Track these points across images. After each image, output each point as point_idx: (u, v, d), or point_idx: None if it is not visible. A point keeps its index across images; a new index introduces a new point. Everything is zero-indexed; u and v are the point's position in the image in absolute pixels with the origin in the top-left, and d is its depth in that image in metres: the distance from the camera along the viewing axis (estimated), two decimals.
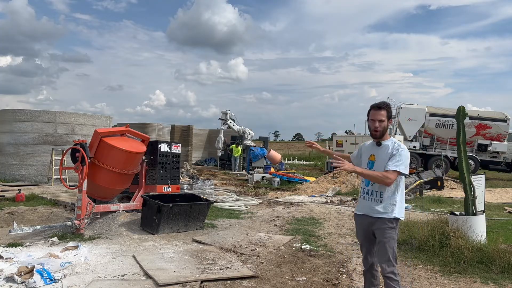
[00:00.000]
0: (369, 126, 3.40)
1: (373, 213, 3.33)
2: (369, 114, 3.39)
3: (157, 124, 22.97)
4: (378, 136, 3.35)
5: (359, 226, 3.52)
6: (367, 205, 3.37)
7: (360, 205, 3.49)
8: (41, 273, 4.22)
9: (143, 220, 6.90)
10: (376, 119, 3.32)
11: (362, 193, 3.43)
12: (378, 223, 3.31)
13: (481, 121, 19.92)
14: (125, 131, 7.16)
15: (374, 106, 3.37)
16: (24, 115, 14.15)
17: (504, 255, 4.78)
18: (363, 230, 3.45)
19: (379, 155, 3.36)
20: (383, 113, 3.31)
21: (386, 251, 3.26)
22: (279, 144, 76.78)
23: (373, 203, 3.33)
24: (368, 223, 3.38)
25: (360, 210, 3.47)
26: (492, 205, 10.40)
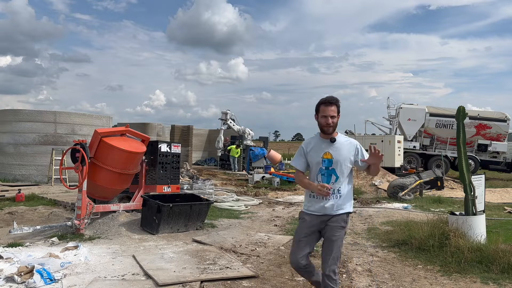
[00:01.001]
0: (319, 122, 3.30)
1: (331, 211, 3.28)
2: (318, 109, 3.29)
3: (157, 124, 22.95)
4: (330, 132, 3.29)
5: (308, 224, 3.34)
6: (326, 205, 3.28)
7: (314, 205, 3.32)
8: (41, 273, 4.22)
9: (143, 220, 6.90)
10: (328, 114, 3.24)
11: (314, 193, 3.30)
12: (331, 221, 3.28)
13: (481, 121, 19.92)
14: (125, 131, 7.16)
15: (325, 101, 3.27)
16: (24, 115, 14.15)
17: (504, 255, 4.78)
18: (311, 228, 3.33)
19: (337, 152, 3.28)
20: (333, 108, 3.26)
21: (333, 249, 3.26)
22: (279, 144, 76.78)
23: (332, 201, 3.28)
24: (321, 222, 3.31)
25: (314, 211, 3.32)
26: (492, 205, 10.40)
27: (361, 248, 6.01)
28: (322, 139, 3.32)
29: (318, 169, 3.29)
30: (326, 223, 3.29)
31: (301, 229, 3.38)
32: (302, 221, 3.39)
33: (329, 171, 3.29)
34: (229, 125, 22.76)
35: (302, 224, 3.38)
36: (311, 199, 3.34)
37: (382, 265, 5.13)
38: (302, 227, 3.38)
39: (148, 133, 19.17)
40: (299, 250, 3.33)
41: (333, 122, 3.25)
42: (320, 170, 3.29)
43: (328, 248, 3.27)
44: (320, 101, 3.30)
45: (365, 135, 20.37)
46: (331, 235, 3.27)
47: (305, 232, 3.34)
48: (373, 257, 5.50)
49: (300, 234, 3.37)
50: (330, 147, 3.28)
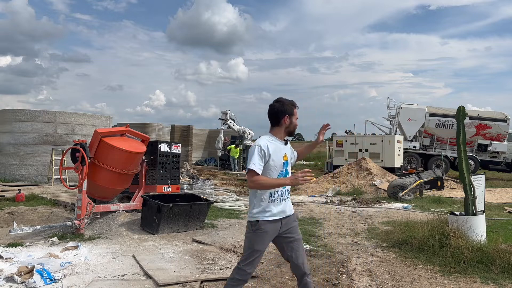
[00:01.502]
0: (293, 125, 3.28)
1: (289, 211, 3.28)
2: (291, 112, 3.26)
3: (157, 124, 22.96)
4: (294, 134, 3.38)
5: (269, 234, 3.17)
6: (286, 206, 3.25)
7: (276, 209, 3.17)
8: (41, 273, 4.22)
9: (143, 220, 6.90)
10: (297, 117, 3.30)
11: (279, 196, 3.19)
12: (290, 222, 3.26)
13: (481, 121, 19.93)
14: (125, 131, 7.16)
15: (296, 105, 3.31)
16: (24, 115, 14.15)
17: (504, 255, 4.78)
18: (271, 236, 3.20)
19: (289, 154, 3.34)
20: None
21: (302, 248, 3.30)
22: None
23: (289, 201, 3.31)
24: (280, 227, 3.20)
25: (275, 215, 3.17)
26: (492, 205, 10.40)
27: (361, 248, 6.01)
28: (280, 141, 3.26)
29: (280, 171, 3.20)
30: (286, 224, 3.23)
31: (262, 240, 3.15)
32: (262, 232, 3.13)
33: (286, 172, 3.27)
34: (229, 125, 22.78)
35: (263, 235, 3.14)
36: (270, 203, 3.15)
37: (382, 265, 5.13)
38: (263, 238, 3.15)
39: (148, 133, 19.18)
40: (257, 262, 3.22)
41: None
42: (281, 172, 3.22)
43: (299, 248, 3.27)
44: (293, 103, 3.30)
45: (365, 135, 20.36)
46: (296, 234, 3.28)
47: (267, 243, 3.21)
48: (373, 257, 5.50)
49: (262, 245, 3.17)
50: (285, 149, 3.30)
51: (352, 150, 19.13)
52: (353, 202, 10.87)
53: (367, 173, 14.19)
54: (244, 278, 3.17)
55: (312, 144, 3.65)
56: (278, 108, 3.22)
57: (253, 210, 3.16)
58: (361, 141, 19.11)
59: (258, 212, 3.14)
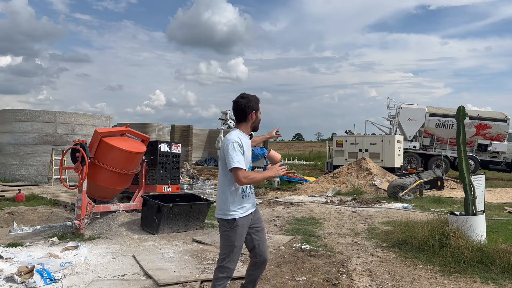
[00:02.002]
0: (258, 120, 3.37)
1: (255, 203, 3.43)
2: (256, 107, 3.33)
3: (157, 124, 22.97)
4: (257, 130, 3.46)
5: (245, 228, 3.28)
6: (253, 199, 3.39)
7: (248, 204, 3.29)
8: (41, 273, 4.22)
9: (143, 220, 6.90)
10: (260, 112, 3.39)
11: (250, 191, 3.31)
12: (256, 213, 3.43)
13: (481, 121, 19.93)
14: (125, 131, 7.16)
15: (259, 100, 3.39)
16: (24, 115, 14.16)
17: (504, 255, 4.78)
18: (246, 229, 3.31)
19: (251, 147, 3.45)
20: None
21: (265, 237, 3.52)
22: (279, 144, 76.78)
23: (253, 194, 3.40)
24: (252, 218, 3.36)
25: (248, 209, 3.29)
26: (492, 205, 10.40)
27: (361, 248, 6.01)
28: (247, 135, 3.34)
29: (248, 166, 3.27)
30: (254, 216, 3.39)
31: (240, 235, 3.25)
32: (240, 228, 3.22)
33: (250, 167, 3.38)
34: (229, 125, 22.71)
35: (239, 231, 3.22)
36: (244, 199, 3.26)
37: (382, 265, 5.13)
38: (241, 233, 3.25)
39: (148, 133, 19.17)
40: (238, 257, 3.36)
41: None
42: (249, 167, 3.32)
43: (262, 236, 3.47)
44: (257, 98, 3.37)
45: (365, 135, 20.37)
46: (261, 224, 3.47)
47: (244, 237, 3.31)
48: (373, 257, 5.50)
49: (241, 240, 3.27)
50: (249, 144, 3.40)
51: (352, 150, 19.13)
52: (353, 202, 10.87)
53: (367, 173, 14.19)
54: (228, 275, 3.26)
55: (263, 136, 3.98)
56: (244, 104, 3.27)
57: (229, 207, 3.19)
58: (361, 141, 19.11)
59: (234, 210, 3.19)
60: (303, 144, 76.32)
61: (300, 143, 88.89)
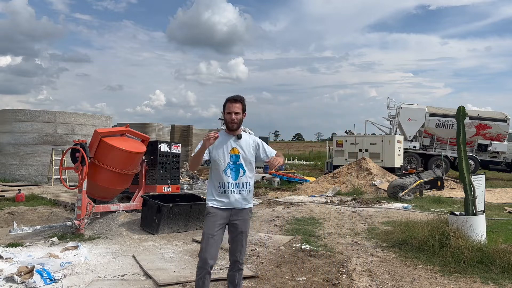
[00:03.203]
0: (225, 119, 3.43)
1: (240, 204, 3.36)
2: (225, 107, 3.42)
3: (157, 124, 22.96)
4: (235, 128, 3.40)
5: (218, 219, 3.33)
6: (236, 198, 3.35)
7: (225, 200, 3.34)
8: (41, 273, 4.22)
9: (143, 220, 6.90)
10: (232, 111, 3.36)
11: (227, 188, 3.33)
12: (242, 214, 3.38)
13: (481, 121, 19.93)
14: (125, 131, 7.16)
15: (230, 99, 3.41)
16: (24, 115, 14.16)
17: (504, 255, 4.77)
18: (221, 224, 3.35)
19: (243, 148, 3.43)
20: (238, 105, 3.38)
21: (245, 242, 3.45)
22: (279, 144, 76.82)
23: (242, 195, 3.37)
24: (230, 215, 3.36)
25: (226, 204, 3.34)
26: (492, 205, 10.39)
27: (361, 248, 6.01)
28: (228, 135, 3.43)
29: (227, 164, 3.36)
30: (235, 215, 3.36)
31: (211, 224, 3.32)
32: (211, 216, 3.34)
33: (236, 166, 3.39)
34: None
35: (211, 219, 3.34)
36: (220, 195, 3.36)
37: (382, 265, 5.13)
38: (211, 221, 3.33)
39: (148, 133, 19.17)
40: (212, 245, 3.30)
41: (237, 118, 3.38)
42: (229, 165, 3.37)
43: (239, 237, 3.40)
44: (227, 99, 3.43)
45: (365, 135, 20.37)
46: (241, 227, 3.39)
47: (217, 228, 3.33)
48: (373, 257, 5.50)
49: (210, 229, 3.31)
50: (236, 143, 3.42)
51: (352, 150, 19.12)
52: (353, 202, 10.87)
53: (367, 173, 14.18)
54: (203, 265, 3.26)
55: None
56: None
57: (207, 197, 3.43)
58: (361, 141, 19.10)
59: (209, 200, 3.39)
60: (303, 144, 76.32)
61: (300, 143, 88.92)
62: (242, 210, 3.39)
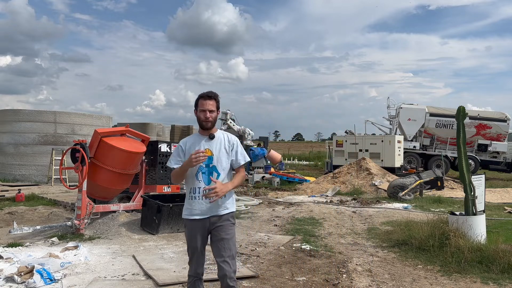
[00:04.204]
0: (198, 117, 3.13)
1: (218, 211, 3.10)
2: (197, 104, 3.14)
3: (157, 124, 22.96)
4: (209, 127, 3.12)
5: (197, 232, 3.10)
6: (208, 205, 3.07)
7: (198, 207, 3.10)
8: (41, 273, 4.22)
9: (143, 220, 6.90)
10: (206, 109, 3.08)
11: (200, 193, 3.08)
12: (221, 221, 3.11)
13: (481, 121, 19.93)
14: (125, 131, 7.16)
15: (203, 95, 3.12)
16: (24, 115, 14.16)
17: (504, 255, 4.77)
18: (201, 235, 3.11)
19: (216, 149, 3.14)
20: (212, 103, 3.10)
21: (230, 248, 3.12)
22: (279, 144, 76.82)
23: (218, 201, 3.07)
24: (209, 224, 3.10)
25: (201, 213, 3.09)
26: (492, 205, 10.39)
27: (361, 248, 6.00)
28: (201, 136, 3.17)
29: (198, 167, 3.07)
30: (215, 224, 3.10)
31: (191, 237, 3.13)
32: (187, 229, 3.16)
33: (210, 169, 3.11)
34: (229, 125, 22.77)
35: (188, 232, 3.15)
36: (192, 201, 3.12)
37: (382, 265, 5.13)
38: (190, 235, 3.14)
39: (148, 133, 19.17)
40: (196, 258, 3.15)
41: (212, 116, 3.10)
42: (201, 168, 3.08)
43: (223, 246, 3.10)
44: (199, 95, 3.16)
45: (365, 135, 20.37)
46: (222, 234, 3.10)
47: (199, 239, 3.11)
48: (373, 257, 5.50)
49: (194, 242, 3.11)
50: (209, 144, 3.13)
51: (352, 150, 19.13)
52: (353, 202, 10.87)
53: (367, 173, 14.18)
54: (192, 274, 3.15)
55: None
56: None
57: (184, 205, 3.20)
58: (361, 141, 19.10)
59: (184, 209, 3.20)
60: (303, 144, 76.32)
61: (300, 143, 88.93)
62: (221, 217, 3.11)
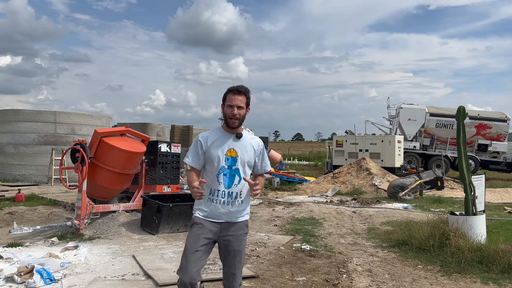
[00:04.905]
0: (225, 113, 2.81)
1: (232, 217, 2.85)
2: (225, 98, 2.82)
3: (157, 124, 22.96)
4: (236, 125, 2.80)
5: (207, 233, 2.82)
6: (227, 210, 2.82)
7: (214, 211, 2.83)
8: (41, 273, 4.21)
9: (143, 220, 6.89)
10: (234, 104, 2.76)
11: (218, 197, 2.81)
12: (235, 229, 2.85)
13: (481, 121, 19.93)
14: (125, 131, 7.16)
15: (233, 89, 2.81)
16: (24, 115, 14.15)
17: (504, 255, 4.77)
18: (209, 238, 2.83)
19: (242, 151, 2.84)
20: (242, 98, 2.79)
21: (241, 261, 2.89)
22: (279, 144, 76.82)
23: (235, 207, 2.83)
24: (220, 230, 2.84)
25: (216, 217, 2.84)
26: (492, 205, 10.39)
27: (361, 248, 6.00)
28: (226, 133, 2.85)
29: (220, 167, 2.78)
30: (227, 231, 2.85)
31: (194, 237, 2.80)
32: (197, 227, 2.84)
33: (232, 171, 2.80)
34: None
35: (195, 230, 2.83)
36: (207, 203, 2.85)
37: (382, 265, 5.13)
38: (195, 234, 2.82)
39: (148, 133, 19.17)
40: (195, 262, 2.75)
41: (240, 114, 2.79)
42: (222, 169, 2.78)
43: (233, 261, 2.87)
44: (228, 89, 2.84)
45: (365, 135, 20.37)
46: (234, 243, 2.85)
47: (201, 242, 2.80)
48: (373, 257, 5.50)
49: (193, 243, 2.79)
50: (235, 144, 2.82)
51: (352, 150, 19.13)
52: (353, 202, 10.87)
53: (367, 173, 14.18)
54: (181, 277, 2.73)
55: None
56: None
57: (195, 203, 2.92)
58: (361, 141, 19.10)
59: (196, 209, 2.91)
60: (303, 144, 76.33)
61: (300, 143, 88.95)
62: (235, 224, 2.85)
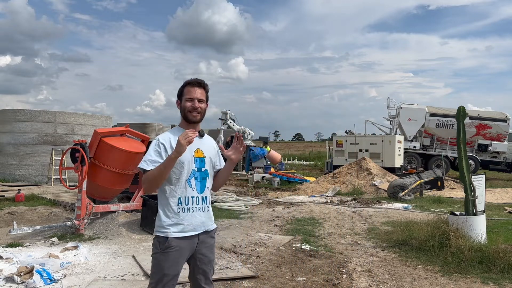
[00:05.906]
0: (183, 108, 2.50)
1: (208, 225, 2.58)
2: (182, 93, 2.53)
3: (157, 124, 22.97)
4: (198, 120, 2.52)
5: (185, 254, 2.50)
6: (201, 218, 2.52)
7: (191, 221, 2.47)
8: (41, 273, 4.21)
9: (143, 220, 6.89)
10: (195, 97, 2.49)
11: (192, 204, 2.48)
12: (209, 238, 2.58)
13: (481, 121, 19.92)
14: (125, 131, 7.16)
15: (192, 81, 2.54)
16: (24, 115, 14.15)
17: (504, 255, 4.77)
18: (185, 258, 2.52)
19: (207, 150, 2.59)
20: (202, 91, 2.53)
21: (213, 269, 2.66)
22: (279, 144, 76.82)
23: (209, 212, 2.60)
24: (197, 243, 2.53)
25: (194, 229, 2.49)
26: (492, 205, 10.39)
27: (361, 248, 6.00)
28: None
29: (191, 171, 2.48)
30: (203, 244, 2.55)
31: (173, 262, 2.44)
32: (174, 251, 2.43)
33: (202, 174, 2.53)
34: (229, 125, 22.76)
35: (172, 255, 2.43)
36: (181, 214, 2.45)
37: (382, 265, 5.13)
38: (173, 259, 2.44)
39: (148, 133, 19.17)
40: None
41: (201, 107, 2.52)
42: (193, 172, 2.49)
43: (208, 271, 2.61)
44: (185, 82, 2.57)
45: (365, 135, 20.36)
46: (210, 254, 2.60)
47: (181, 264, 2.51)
48: (373, 257, 5.50)
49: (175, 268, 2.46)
50: (199, 143, 2.54)
51: (352, 150, 19.12)
52: (353, 202, 10.86)
53: (367, 173, 14.18)
54: None
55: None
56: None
57: (162, 222, 2.47)
58: (361, 141, 19.10)
59: (165, 226, 2.45)
60: (303, 144, 76.31)
61: (300, 143, 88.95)
62: (209, 233, 2.58)
